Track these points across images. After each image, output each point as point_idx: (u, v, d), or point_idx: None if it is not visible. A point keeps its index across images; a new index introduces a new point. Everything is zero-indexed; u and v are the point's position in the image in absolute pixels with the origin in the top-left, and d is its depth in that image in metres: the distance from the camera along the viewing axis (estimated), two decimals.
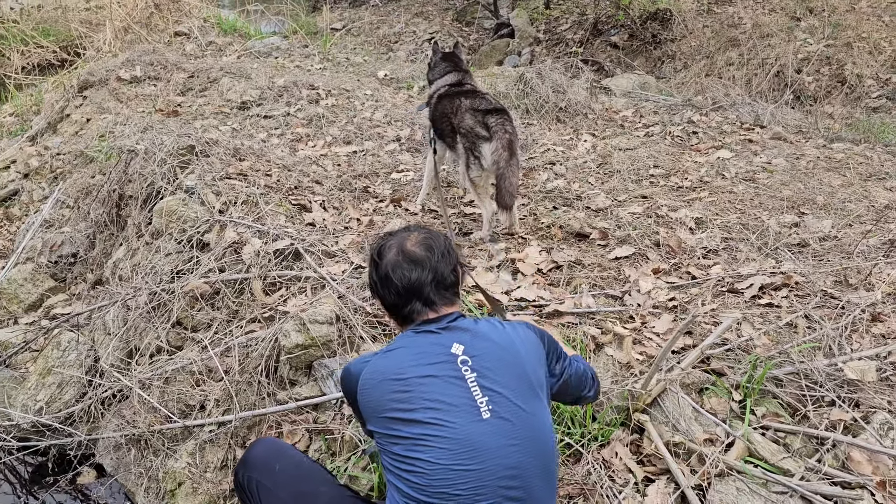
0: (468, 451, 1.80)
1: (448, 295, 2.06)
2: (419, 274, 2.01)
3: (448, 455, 1.79)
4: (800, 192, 4.82)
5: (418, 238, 2.08)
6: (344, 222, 4.26)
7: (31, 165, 6.79)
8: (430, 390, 1.86)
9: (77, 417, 3.65)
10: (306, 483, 2.18)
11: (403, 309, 2.04)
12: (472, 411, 1.84)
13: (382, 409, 1.90)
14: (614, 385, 2.73)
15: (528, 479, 1.84)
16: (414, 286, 2.01)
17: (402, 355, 1.96)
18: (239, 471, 2.29)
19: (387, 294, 2.06)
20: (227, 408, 3.19)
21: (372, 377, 1.95)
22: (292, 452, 2.35)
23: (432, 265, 2.02)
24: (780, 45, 8.27)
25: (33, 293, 4.93)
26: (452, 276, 2.08)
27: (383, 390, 1.91)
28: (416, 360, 1.93)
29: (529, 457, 1.85)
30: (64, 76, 9.26)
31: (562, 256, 3.81)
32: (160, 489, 3.20)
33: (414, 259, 2.02)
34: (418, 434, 1.82)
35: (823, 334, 2.98)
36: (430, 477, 1.79)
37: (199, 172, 4.52)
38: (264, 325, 3.41)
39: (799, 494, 2.27)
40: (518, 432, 1.85)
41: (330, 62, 9.08)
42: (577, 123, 6.61)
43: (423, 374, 1.89)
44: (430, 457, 1.80)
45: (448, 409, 1.84)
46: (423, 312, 2.03)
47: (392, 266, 2.03)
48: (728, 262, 3.82)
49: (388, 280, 2.03)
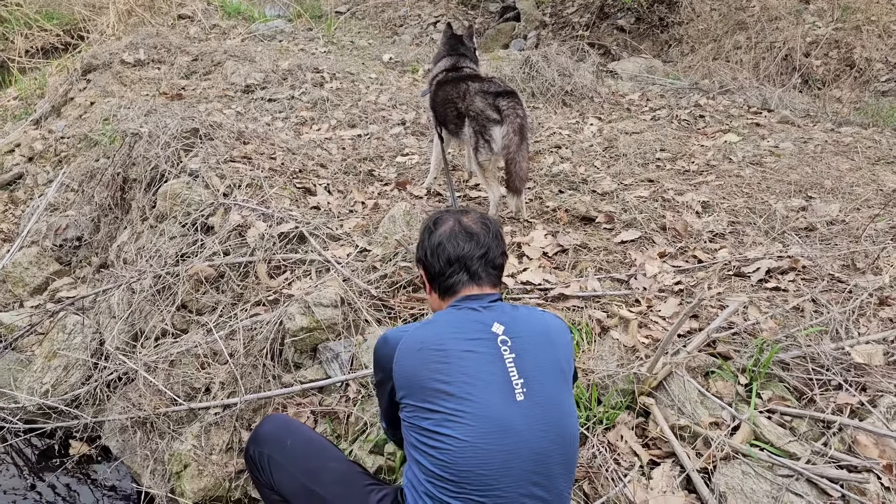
0: (499, 431, 1.80)
1: (494, 274, 2.11)
2: (472, 246, 2.07)
3: (478, 433, 1.80)
4: (807, 175, 4.78)
5: (475, 217, 2.16)
6: (349, 206, 4.24)
7: (36, 149, 6.79)
8: (469, 365, 1.87)
9: (83, 400, 3.65)
10: (317, 459, 2.21)
11: (449, 279, 2.08)
12: (507, 391, 1.85)
13: (420, 378, 1.89)
14: (620, 368, 2.71)
15: (551, 465, 1.85)
16: (465, 257, 2.06)
17: (443, 327, 1.98)
18: (250, 446, 2.31)
19: (435, 262, 2.10)
20: (233, 390, 3.20)
21: (411, 345, 1.95)
22: (303, 428, 2.37)
23: (486, 241, 2.09)
24: (788, 29, 8.17)
25: (38, 276, 4.94)
26: (501, 259, 2.14)
27: (423, 359, 1.91)
28: (456, 333, 1.94)
29: (555, 444, 1.86)
30: (68, 60, 9.26)
31: (567, 240, 3.79)
32: (166, 471, 3.21)
33: (470, 232, 2.09)
34: (451, 409, 1.82)
35: (830, 318, 2.96)
36: (457, 454, 1.79)
37: (203, 156, 4.51)
38: (269, 308, 3.41)
39: (805, 478, 2.26)
40: (547, 417, 1.86)
41: (334, 45, 9.03)
42: (583, 107, 6.56)
43: (463, 348, 1.90)
44: (460, 433, 1.80)
45: (484, 385, 1.84)
46: (467, 285, 2.07)
47: (447, 235, 2.09)
48: (735, 245, 3.80)
49: (440, 248, 2.09)
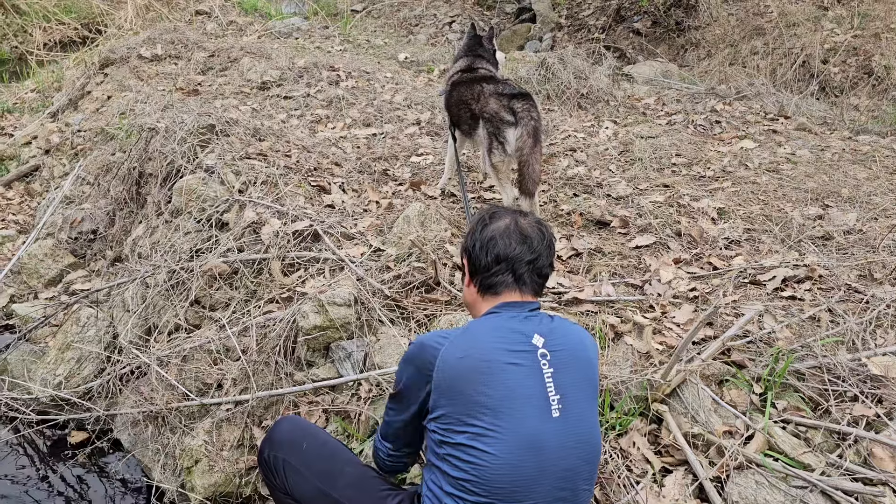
0: (533, 448, 1.79)
1: (538, 283, 2.07)
2: (523, 249, 2.02)
3: (513, 450, 1.77)
4: (824, 184, 4.74)
5: (532, 220, 2.11)
6: (363, 205, 4.24)
7: (53, 142, 6.84)
8: (510, 378, 1.83)
9: (95, 393, 3.66)
10: (333, 462, 2.19)
11: (493, 277, 2.04)
12: (543, 407, 1.82)
13: (462, 389, 1.83)
14: (633, 374, 2.70)
15: (577, 481, 1.85)
16: (514, 258, 2.02)
17: (486, 336, 1.92)
18: (265, 449, 2.29)
19: (483, 256, 2.05)
20: (245, 387, 3.20)
21: (454, 353, 1.88)
22: (318, 431, 2.36)
23: (538, 248, 2.04)
24: (806, 35, 8.12)
25: (53, 268, 4.97)
26: (549, 269, 2.09)
27: (466, 368, 1.85)
28: (499, 343, 1.89)
29: (582, 460, 1.86)
30: (85, 53, 9.30)
31: (582, 244, 3.78)
32: (177, 466, 3.22)
33: (525, 234, 2.04)
34: (489, 423, 1.79)
35: (847, 328, 2.94)
36: (490, 471, 1.77)
37: (218, 152, 4.52)
38: (282, 305, 3.41)
39: (819, 489, 2.24)
40: (578, 434, 1.85)
41: (350, 44, 9.04)
42: (598, 110, 6.54)
43: (506, 360, 1.85)
44: (495, 450, 1.77)
45: (523, 400, 1.82)
46: (511, 288, 2.03)
47: (501, 232, 2.04)
48: (750, 253, 3.78)
49: (491, 243, 2.04)
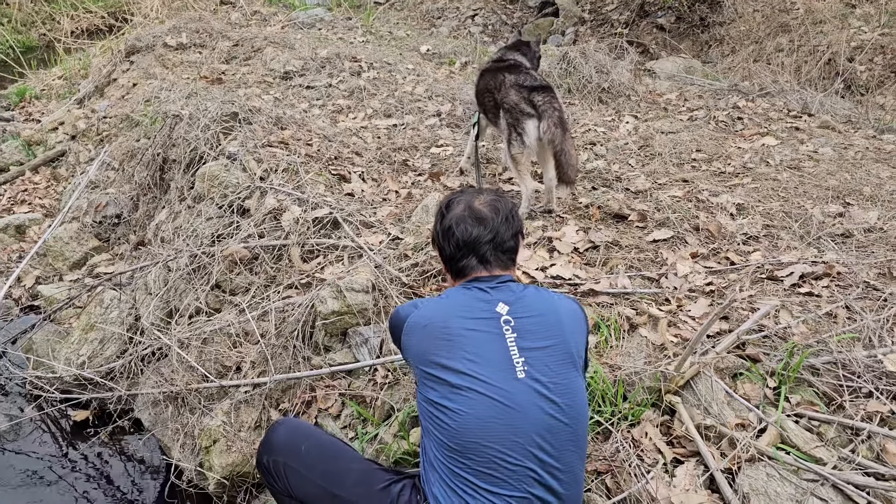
0: (501, 406, 1.85)
1: (504, 258, 2.13)
2: (480, 231, 2.09)
3: (481, 407, 1.85)
4: (846, 182, 4.70)
5: (486, 199, 2.16)
6: (382, 194, 4.28)
7: (79, 128, 6.95)
8: (471, 343, 1.93)
9: (117, 373, 3.75)
10: (334, 461, 2.21)
11: (459, 262, 2.12)
12: (507, 369, 1.90)
13: (425, 353, 1.97)
14: (647, 366, 2.72)
15: (561, 443, 1.88)
16: (473, 242, 2.09)
17: (450, 305, 2.04)
18: (263, 455, 2.27)
19: (446, 245, 2.14)
20: (263, 370, 3.26)
21: (418, 321, 2.03)
22: (315, 432, 2.37)
23: (494, 226, 2.10)
24: (832, 33, 8.02)
25: (78, 251, 5.07)
26: (512, 242, 2.14)
27: (428, 335, 1.99)
28: (461, 312, 1.99)
29: (563, 422, 1.89)
30: (112, 41, 9.43)
31: (599, 237, 3.79)
32: (195, 445, 3.28)
33: (478, 216, 2.10)
34: (455, 383, 1.88)
35: (864, 325, 2.93)
36: (462, 426, 1.85)
37: (241, 139, 4.58)
38: (301, 291, 3.46)
39: (830, 483, 2.25)
40: (552, 396, 1.89)
41: (372, 35, 9.07)
42: (619, 105, 6.52)
43: (466, 326, 1.95)
44: (463, 406, 1.86)
45: (485, 363, 1.90)
46: (477, 269, 2.11)
47: (457, 220, 2.11)
48: (768, 249, 3.76)
49: (450, 232, 2.12)
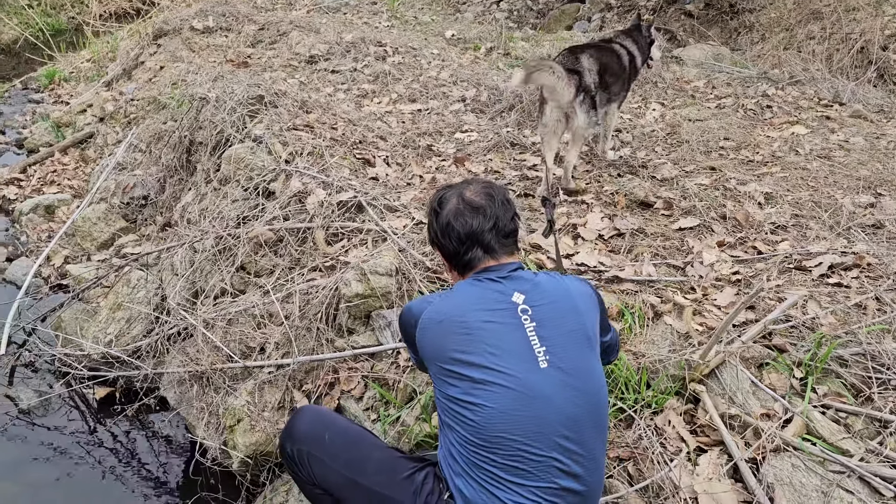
0: (525, 397, 1.82)
1: (508, 244, 2.08)
2: (480, 221, 2.02)
3: (505, 400, 1.82)
4: (878, 172, 4.62)
5: (477, 188, 2.10)
6: (407, 178, 4.28)
7: (107, 110, 7.02)
8: (490, 335, 1.88)
9: (144, 352, 3.79)
10: (356, 449, 2.18)
11: (464, 256, 2.05)
12: (529, 359, 1.86)
13: (443, 350, 1.92)
14: (671, 354, 2.70)
15: (583, 430, 1.86)
16: (475, 233, 2.02)
17: (464, 299, 1.98)
18: (286, 444, 2.25)
19: (447, 242, 2.07)
20: (286, 351, 3.28)
21: (433, 317, 1.97)
22: (336, 418, 2.35)
23: (493, 212, 2.04)
24: (866, 21, 7.84)
25: (105, 232, 5.13)
26: (512, 224, 2.09)
27: (445, 331, 1.93)
28: (477, 304, 1.94)
29: (584, 408, 1.87)
30: (139, 25, 9.51)
31: (624, 224, 3.76)
32: (220, 424, 3.32)
33: (475, 206, 2.04)
34: (477, 378, 1.84)
35: (894, 317, 2.88)
36: (487, 420, 1.81)
37: (267, 122, 4.60)
38: (325, 273, 3.48)
39: (857, 475, 2.23)
40: (574, 383, 1.87)
41: (398, 20, 9.05)
42: (646, 92, 6.45)
43: (484, 319, 1.90)
44: (487, 401, 1.82)
45: (506, 355, 1.85)
46: (484, 259, 2.05)
47: (453, 214, 2.05)
48: (797, 239, 3.71)
49: (449, 228, 2.05)
